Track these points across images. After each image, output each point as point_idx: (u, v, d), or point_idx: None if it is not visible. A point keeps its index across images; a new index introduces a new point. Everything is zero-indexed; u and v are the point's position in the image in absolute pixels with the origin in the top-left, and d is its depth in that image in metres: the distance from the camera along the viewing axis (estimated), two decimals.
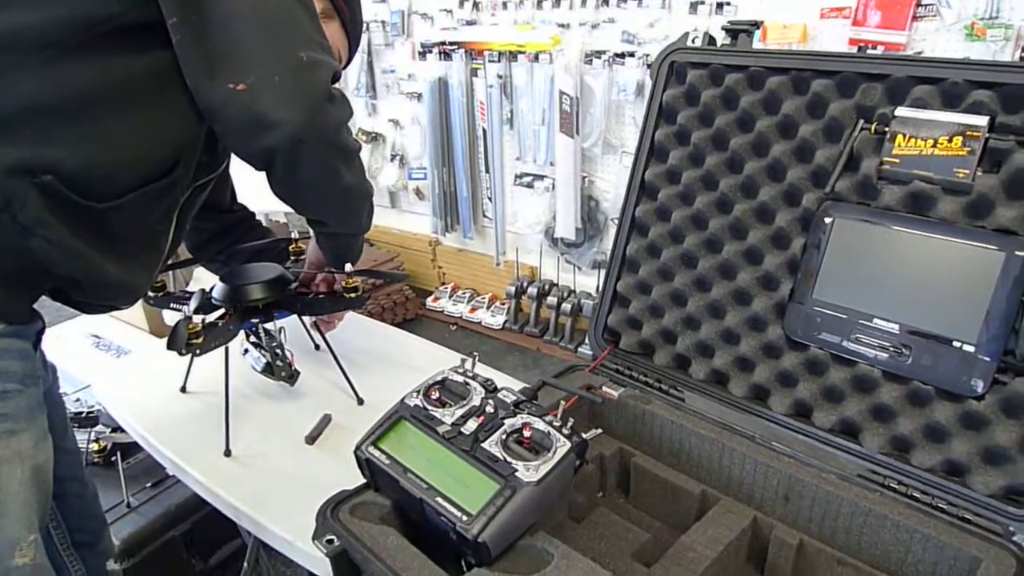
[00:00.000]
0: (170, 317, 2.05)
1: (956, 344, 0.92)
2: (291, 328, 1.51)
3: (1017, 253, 0.88)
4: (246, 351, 1.48)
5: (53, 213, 0.83)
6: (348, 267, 1.38)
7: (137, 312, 2.17)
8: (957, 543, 0.85)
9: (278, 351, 1.46)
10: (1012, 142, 0.88)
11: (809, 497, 0.96)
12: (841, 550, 0.94)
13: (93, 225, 0.89)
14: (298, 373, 1.49)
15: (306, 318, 1.53)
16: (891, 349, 0.97)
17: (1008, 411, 0.89)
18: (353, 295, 1.37)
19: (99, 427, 1.95)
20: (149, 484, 1.94)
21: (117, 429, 1.95)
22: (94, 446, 1.92)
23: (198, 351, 1.19)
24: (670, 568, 0.90)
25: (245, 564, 1.63)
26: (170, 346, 1.16)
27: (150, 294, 1.40)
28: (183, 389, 1.50)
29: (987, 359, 0.90)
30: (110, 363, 1.73)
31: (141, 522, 1.87)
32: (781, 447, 1.02)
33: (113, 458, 1.93)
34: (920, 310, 0.95)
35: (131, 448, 1.98)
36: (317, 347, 1.65)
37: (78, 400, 2.04)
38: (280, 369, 1.46)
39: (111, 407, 1.48)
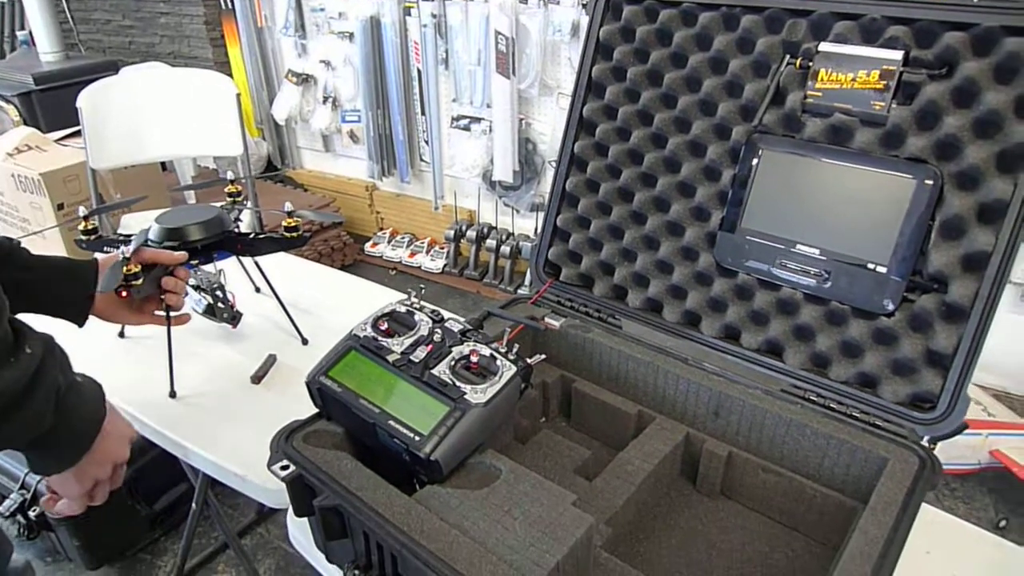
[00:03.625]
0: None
1: (870, 267, 0.99)
2: (231, 270, 1.50)
3: (926, 181, 0.95)
4: (186, 293, 1.46)
5: None
6: (288, 205, 1.37)
7: None
8: (868, 446, 0.93)
9: (219, 293, 1.45)
10: (924, 75, 0.94)
11: (737, 412, 1.03)
12: (766, 458, 1.02)
13: None
14: (240, 315, 1.48)
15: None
16: (812, 273, 1.04)
17: (914, 327, 0.97)
18: (293, 235, 1.37)
19: None
20: None
21: None
22: None
23: (138, 292, 1.17)
24: (610, 481, 0.97)
25: (193, 505, 1.64)
26: (103, 287, 1.12)
27: (82, 238, 1.36)
28: (121, 334, 1.47)
29: (897, 279, 0.97)
30: (37, 317, 1.68)
31: None
32: (711, 367, 1.08)
33: None
34: (839, 236, 1.02)
35: None
36: (258, 289, 1.64)
37: None
38: (222, 311, 1.45)
39: None
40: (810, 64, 1.01)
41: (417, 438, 0.83)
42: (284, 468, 0.86)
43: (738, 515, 1.04)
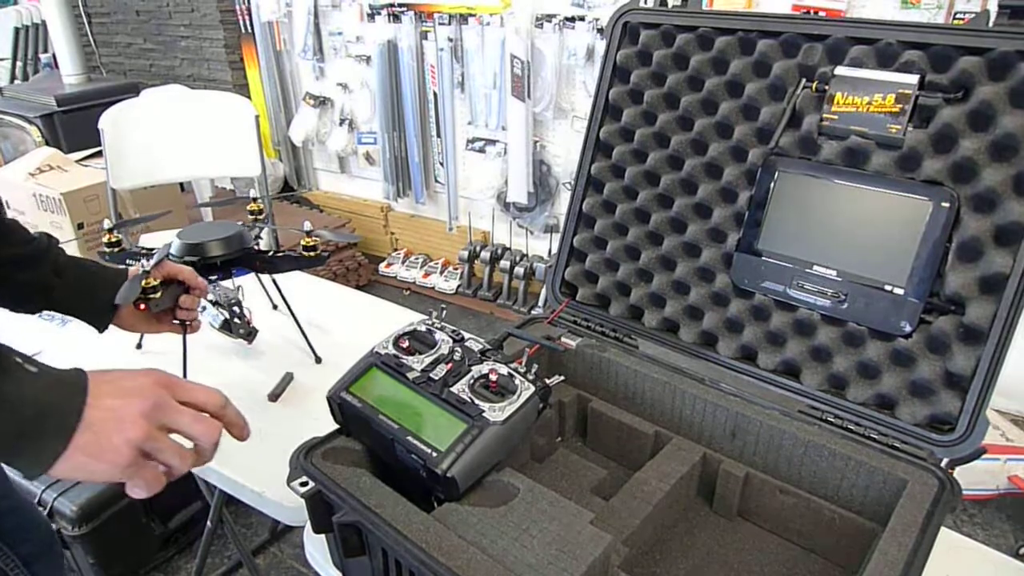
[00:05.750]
0: None
1: (887, 288, 0.99)
2: (248, 287, 1.52)
3: (942, 204, 0.95)
4: (204, 308, 1.48)
5: None
6: (308, 224, 1.39)
7: None
8: (886, 468, 0.92)
9: (236, 308, 1.47)
10: (939, 99, 0.95)
11: (754, 433, 1.03)
12: (783, 480, 1.01)
13: None
14: (256, 331, 1.50)
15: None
16: (829, 294, 1.04)
17: (932, 348, 0.97)
18: (312, 253, 1.39)
19: None
20: None
21: None
22: None
23: (156, 306, 1.18)
24: (627, 500, 0.96)
25: (209, 522, 1.65)
26: (121, 299, 1.12)
27: (106, 250, 1.39)
28: (139, 346, 1.49)
29: (915, 301, 0.97)
30: (56, 330, 1.70)
31: (99, 487, 1.87)
32: (728, 388, 1.08)
33: None
34: (855, 257, 1.02)
35: None
36: (275, 307, 1.66)
37: None
38: (238, 327, 1.47)
39: None
40: (826, 88, 1.02)
41: (434, 454, 0.83)
42: (303, 484, 0.87)
43: (755, 536, 1.03)
